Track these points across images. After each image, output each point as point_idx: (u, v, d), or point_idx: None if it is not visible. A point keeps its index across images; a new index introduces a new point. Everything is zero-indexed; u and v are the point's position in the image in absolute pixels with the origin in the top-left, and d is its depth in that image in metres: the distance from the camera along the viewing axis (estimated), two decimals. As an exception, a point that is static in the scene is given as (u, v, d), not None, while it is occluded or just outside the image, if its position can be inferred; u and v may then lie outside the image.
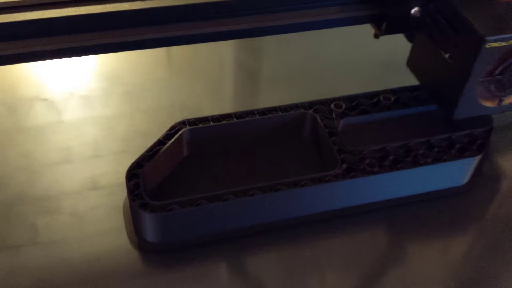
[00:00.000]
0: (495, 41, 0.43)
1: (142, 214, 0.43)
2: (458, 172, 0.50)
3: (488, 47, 0.43)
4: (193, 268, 0.45)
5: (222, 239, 0.46)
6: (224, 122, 0.49)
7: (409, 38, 0.54)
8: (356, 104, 0.52)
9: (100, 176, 0.50)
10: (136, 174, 0.44)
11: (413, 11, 0.48)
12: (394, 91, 0.54)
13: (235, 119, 0.49)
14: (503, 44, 0.44)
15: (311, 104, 0.52)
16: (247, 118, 0.50)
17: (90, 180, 0.50)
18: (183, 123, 0.49)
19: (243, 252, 0.46)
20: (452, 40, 0.46)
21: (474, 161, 0.50)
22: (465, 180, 0.51)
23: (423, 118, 0.53)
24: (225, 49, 0.66)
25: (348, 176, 0.46)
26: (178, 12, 0.45)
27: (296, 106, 0.51)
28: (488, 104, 0.48)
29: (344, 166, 0.46)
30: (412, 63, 0.53)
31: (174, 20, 0.45)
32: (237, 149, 0.50)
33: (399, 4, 0.48)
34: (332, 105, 0.52)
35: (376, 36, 0.50)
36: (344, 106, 0.52)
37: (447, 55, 0.47)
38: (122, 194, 0.48)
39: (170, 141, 0.47)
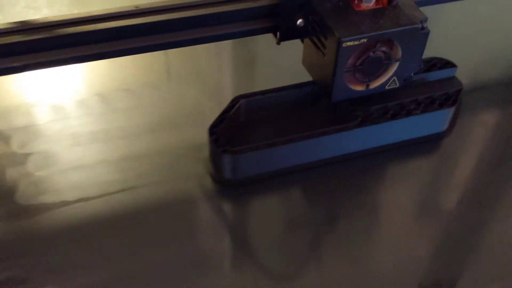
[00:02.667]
0: (349, 41, 0.55)
1: (223, 156, 0.61)
2: (439, 120, 0.69)
3: (344, 46, 0.55)
4: (257, 196, 0.63)
5: (277, 175, 0.65)
6: (269, 94, 0.68)
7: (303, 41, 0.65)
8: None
9: (181, 142, 0.69)
10: (214, 131, 0.63)
11: (298, 22, 0.60)
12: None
13: (278, 92, 0.68)
14: (356, 43, 0.56)
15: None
16: (286, 91, 0.69)
17: (175, 143, 0.69)
18: (241, 97, 0.67)
19: (291, 184, 0.65)
20: (323, 42, 0.59)
21: (450, 112, 0.69)
22: (445, 127, 0.71)
23: (412, 84, 0.72)
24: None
25: (362, 125, 0.65)
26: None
27: (319, 81, 0.70)
28: (359, 88, 0.61)
29: (359, 119, 0.66)
30: (305, 62, 0.66)
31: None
32: (281, 113, 0.69)
33: (286, 18, 0.60)
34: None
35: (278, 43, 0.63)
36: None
37: (323, 54, 0.60)
38: (200, 152, 0.67)
39: (233, 110, 0.66)
